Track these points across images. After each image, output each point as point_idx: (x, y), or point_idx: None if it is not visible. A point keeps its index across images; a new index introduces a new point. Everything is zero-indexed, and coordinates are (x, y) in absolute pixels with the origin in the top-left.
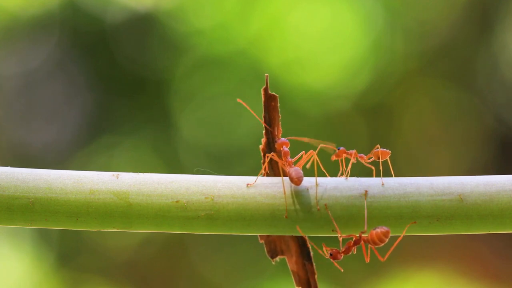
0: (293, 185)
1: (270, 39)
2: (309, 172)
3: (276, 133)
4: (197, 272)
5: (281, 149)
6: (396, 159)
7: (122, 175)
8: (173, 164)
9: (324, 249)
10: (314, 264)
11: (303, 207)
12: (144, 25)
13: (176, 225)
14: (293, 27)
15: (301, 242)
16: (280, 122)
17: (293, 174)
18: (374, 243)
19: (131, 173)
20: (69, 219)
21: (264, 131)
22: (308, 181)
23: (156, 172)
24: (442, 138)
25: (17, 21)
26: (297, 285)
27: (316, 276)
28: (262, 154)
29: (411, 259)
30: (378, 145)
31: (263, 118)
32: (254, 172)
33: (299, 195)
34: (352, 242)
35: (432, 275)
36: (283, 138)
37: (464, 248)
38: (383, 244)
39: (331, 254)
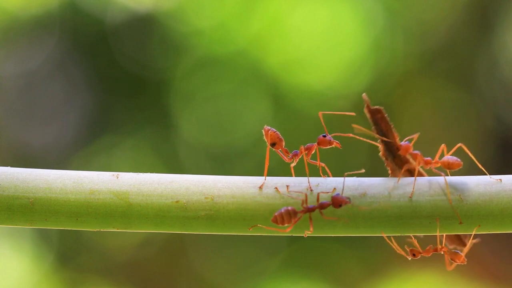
0: (290, 187)
1: (270, 39)
2: (310, 172)
3: (395, 140)
4: (197, 272)
5: (408, 154)
6: None
7: (122, 175)
8: (173, 164)
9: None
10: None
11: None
12: (144, 25)
13: (176, 225)
14: (293, 27)
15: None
16: (393, 129)
17: (450, 159)
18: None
19: (131, 173)
20: (69, 219)
21: (379, 140)
22: (307, 181)
23: (156, 172)
24: (442, 138)
25: (17, 21)
26: (450, 244)
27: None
28: (384, 159)
29: (411, 259)
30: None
31: (374, 131)
32: (254, 172)
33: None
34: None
35: (432, 275)
36: (404, 143)
37: None
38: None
39: (413, 255)
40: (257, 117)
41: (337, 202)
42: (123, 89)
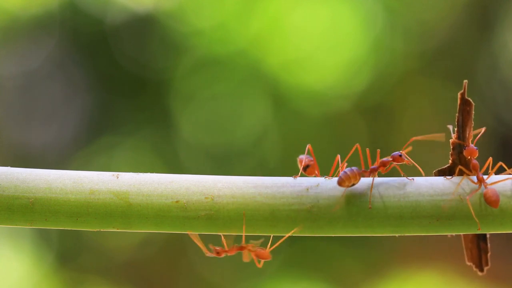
0: (293, 186)
1: (270, 39)
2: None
3: (467, 136)
4: (197, 272)
5: (469, 158)
6: None
7: (122, 175)
8: (173, 164)
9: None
10: (489, 244)
11: (303, 207)
12: (144, 25)
13: (176, 225)
14: (293, 27)
15: None
16: (472, 128)
17: (492, 196)
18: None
19: (131, 173)
20: (69, 219)
21: (455, 128)
22: (307, 181)
23: (156, 172)
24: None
25: (17, 21)
26: (469, 260)
27: (489, 255)
28: (451, 146)
29: (411, 259)
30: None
31: (455, 119)
32: (254, 172)
33: (300, 196)
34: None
35: (432, 275)
36: (472, 146)
37: None
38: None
39: (217, 253)
40: (257, 117)
41: (397, 156)
42: (123, 89)
